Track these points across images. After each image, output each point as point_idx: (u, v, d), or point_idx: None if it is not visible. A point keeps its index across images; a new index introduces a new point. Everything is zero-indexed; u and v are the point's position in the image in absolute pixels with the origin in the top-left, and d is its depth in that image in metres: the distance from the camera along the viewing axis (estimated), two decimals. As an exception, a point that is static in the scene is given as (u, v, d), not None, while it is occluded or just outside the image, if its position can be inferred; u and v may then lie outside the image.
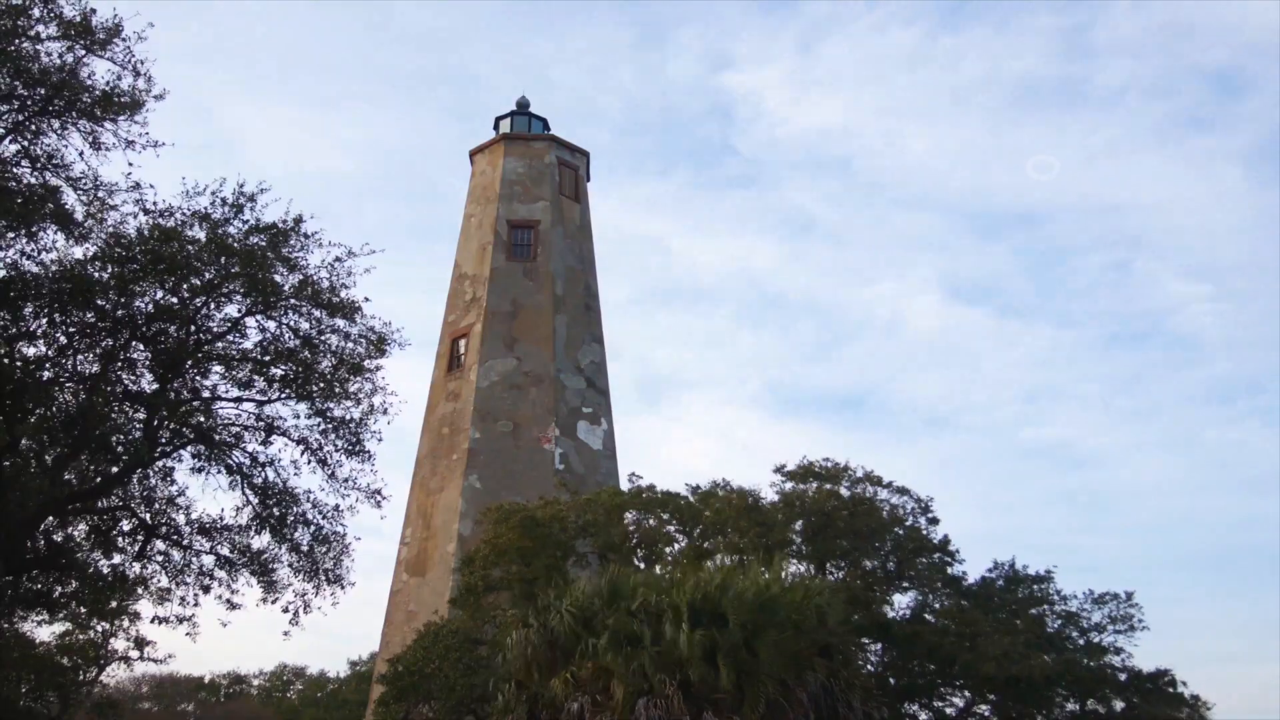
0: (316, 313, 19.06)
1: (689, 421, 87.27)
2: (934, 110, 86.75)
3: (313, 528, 19.69)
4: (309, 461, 19.61)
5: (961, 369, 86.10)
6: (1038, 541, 76.63)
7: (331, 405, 19.42)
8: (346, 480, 19.81)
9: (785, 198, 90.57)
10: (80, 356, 17.92)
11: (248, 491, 19.34)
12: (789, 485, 25.65)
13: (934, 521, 26.01)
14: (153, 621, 20.34)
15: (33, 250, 17.28)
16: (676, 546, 23.79)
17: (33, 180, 17.05)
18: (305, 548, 19.64)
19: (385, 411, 19.95)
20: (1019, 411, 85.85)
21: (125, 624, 22.18)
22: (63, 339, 17.68)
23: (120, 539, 19.60)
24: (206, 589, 19.74)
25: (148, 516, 19.41)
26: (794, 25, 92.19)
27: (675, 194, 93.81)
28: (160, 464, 19.05)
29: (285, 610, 19.67)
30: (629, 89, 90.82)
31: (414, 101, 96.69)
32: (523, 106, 39.53)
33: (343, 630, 78.35)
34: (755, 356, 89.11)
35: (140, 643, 22.60)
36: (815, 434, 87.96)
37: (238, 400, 19.07)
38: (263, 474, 19.42)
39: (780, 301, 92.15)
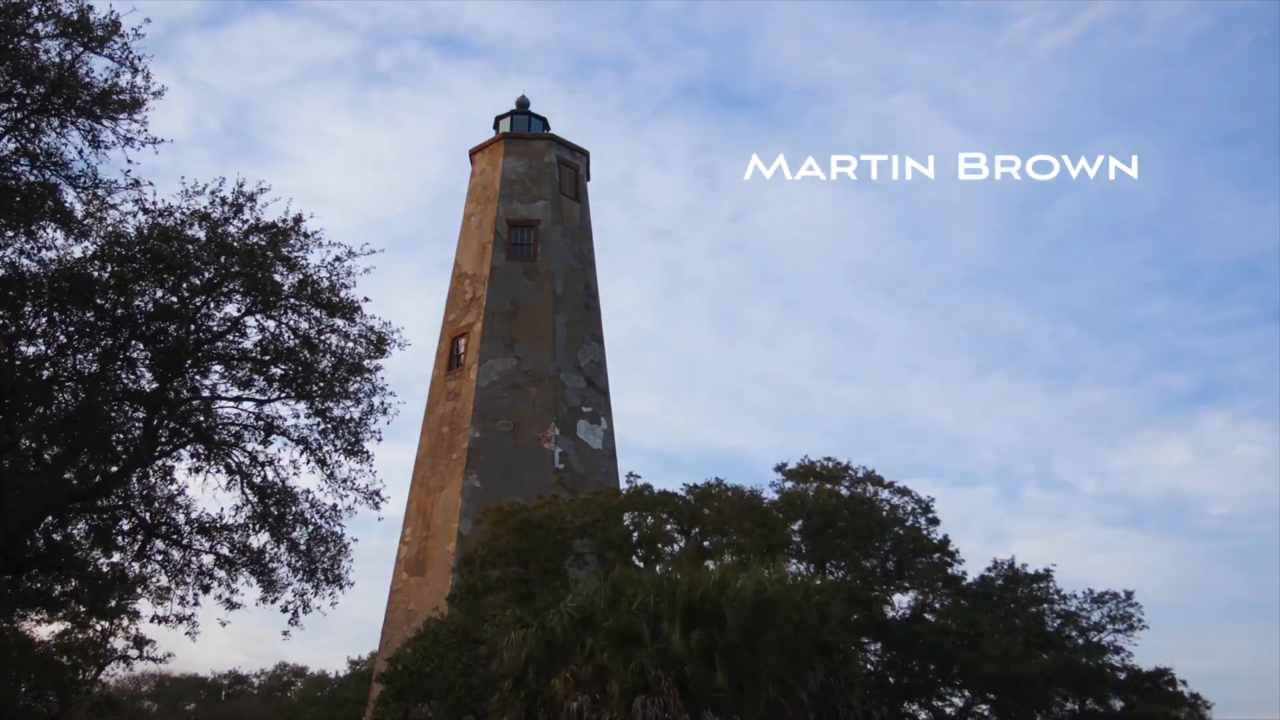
0: (316, 312, 19.03)
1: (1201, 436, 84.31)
2: None
3: (311, 527, 19.69)
4: (308, 461, 19.61)
5: None
6: None
7: (331, 405, 19.41)
8: (345, 480, 19.81)
9: None
10: (80, 355, 17.90)
11: (247, 491, 19.33)
12: (789, 485, 25.66)
13: (934, 521, 26.04)
14: (152, 621, 20.33)
15: (32, 249, 17.30)
16: (676, 546, 23.78)
17: (32, 178, 17.05)
18: (304, 547, 19.63)
19: (385, 411, 19.96)
20: None
21: (125, 623, 22.13)
22: (62, 338, 17.66)
23: (120, 538, 19.59)
24: (206, 588, 19.72)
25: (147, 516, 19.39)
26: None
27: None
28: (159, 463, 19.04)
29: (284, 610, 19.67)
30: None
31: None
32: (523, 106, 39.53)
33: (343, 630, 78.37)
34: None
35: (140, 642, 22.54)
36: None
37: (237, 400, 19.06)
38: (262, 473, 19.42)
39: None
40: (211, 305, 18.49)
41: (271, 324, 18.88)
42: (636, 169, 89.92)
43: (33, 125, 16.90)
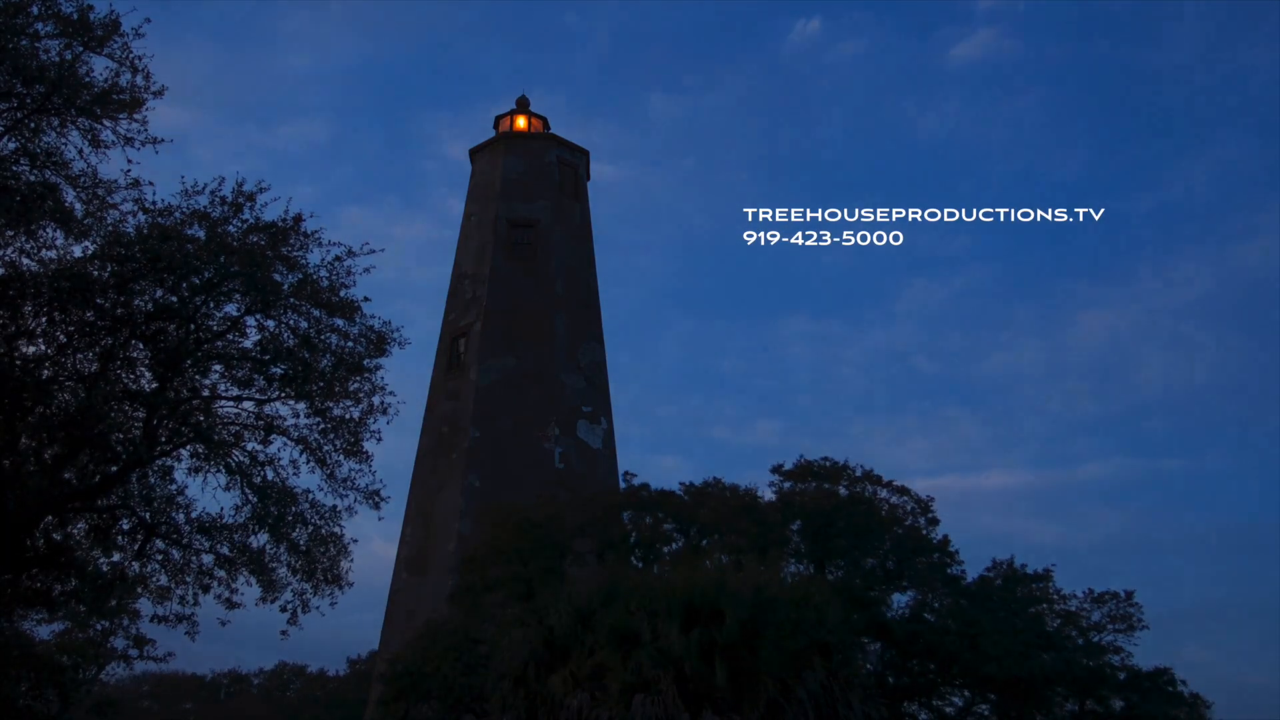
0: (316, 312, 19.03)
1: None
2: None
3: (310, 528, 19.67)
4: (308, 461, 19.60)
5: None
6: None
7: (331, 405, 19.39)
8: (345, 481, 19.80)
9: None
10: (79, 355, 17.90)
11: (247, 491, 19.31)
12: (787, 485, 25.66)
13: (933, 521, 26.05)
14: (152, 620, 20.31)
15: (32, 248, 17.32)
16: (674, 546, 23.79)
17: (32, 178, 17.05)
18: (303, 548, 19.61)
19: (385, 411, 19.94)
20: None
21: (125, 623, 22.15)
22: (62, 338, 17.66)
23: (120, 538, 19.58)
24: (206, 588, 19.67)
25: (147, 515, 19.37)
26: None
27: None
28: (159, 463, 19.02)
29: (283, 610, 19.65)
30: None
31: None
32: (523, 105, 39.54)
33: (343, 629, 78.32)
34: None
35: (140, 641, 22.56)
36: None
37: (237, 399, 19.05)
38: (262, 473, 19.39)
39: None
40: (211, 305, 18.48)
41: (271, 324, 18.90)
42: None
43: (32, 125, 16.91)
